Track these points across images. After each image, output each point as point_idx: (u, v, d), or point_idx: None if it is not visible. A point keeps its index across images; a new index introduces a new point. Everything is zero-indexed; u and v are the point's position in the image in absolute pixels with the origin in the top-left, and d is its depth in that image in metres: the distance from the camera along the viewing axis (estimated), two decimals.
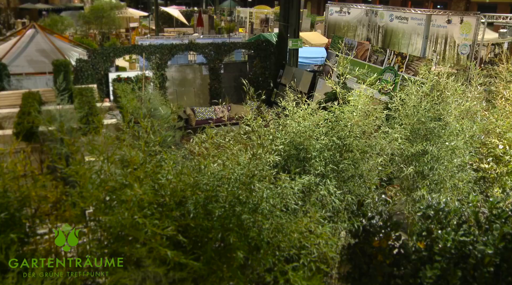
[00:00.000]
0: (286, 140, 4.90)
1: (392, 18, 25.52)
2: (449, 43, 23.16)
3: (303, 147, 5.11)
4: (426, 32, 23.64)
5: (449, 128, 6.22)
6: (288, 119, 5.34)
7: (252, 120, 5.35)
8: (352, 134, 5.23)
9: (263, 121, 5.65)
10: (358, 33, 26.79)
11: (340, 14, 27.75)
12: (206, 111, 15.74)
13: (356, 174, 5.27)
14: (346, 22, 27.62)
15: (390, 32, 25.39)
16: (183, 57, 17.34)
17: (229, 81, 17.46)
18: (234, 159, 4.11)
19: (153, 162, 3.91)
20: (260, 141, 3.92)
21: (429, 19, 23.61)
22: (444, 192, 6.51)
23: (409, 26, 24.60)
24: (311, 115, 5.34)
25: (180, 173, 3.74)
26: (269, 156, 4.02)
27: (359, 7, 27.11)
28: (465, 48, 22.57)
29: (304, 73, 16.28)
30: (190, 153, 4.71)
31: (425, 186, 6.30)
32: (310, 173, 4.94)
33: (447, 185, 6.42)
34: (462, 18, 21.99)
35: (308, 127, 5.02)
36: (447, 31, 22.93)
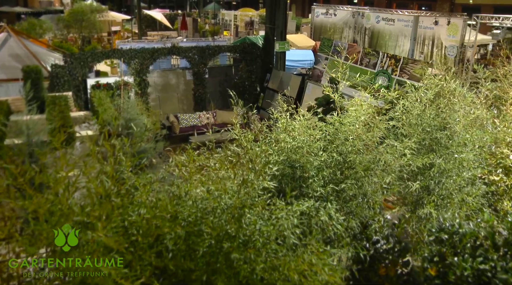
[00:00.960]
0: (280, 158, 4.26)
1: (379, 20, 25.23)
2: (437, 44, 22.96)
3: (299, 165, 4.48)
4: (414, 34, 23.39)
5: (456, 138, 5.65)
6: (281, 132, 4.71)
7: (240, 134, 4.71)
8: (354, 148, 4.61)
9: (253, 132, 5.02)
10: (344, 35, 26.45)
11: (326, 16, 27.40)
12: (190, 118, 15.03)
13: (358, 194, 4.66)
14: (332, 24, 27.29)
15: (376, 34, 25.15)
16: (165, 61, 16.63)
17: (214, 86, 16.78)
18: (220, 184, 3.46)
19: (123, 191, 3.24)
20: (252, 164, 3.29)
21: (417, 21, 23.36)
22: (450, 206, 5.95)
23: (396, 27, 24.34)
24: (308, 128, 4.71)
25: (155, 206, 3.08)
26: (262, 181, 3.38)
27: (345, 9, 26.75)
28: (452, 49, 22.38)
29: (292, 77, 15.68)
30: (169, 175, 4.04)
31: (431, 202, 5.72)
32: (308, 195, 4.32)
33: (454, 200, 5.86)
34: (449, 20, 21.80)
35: (305, 143, 4.39)
36: (434, 33, 22.71)
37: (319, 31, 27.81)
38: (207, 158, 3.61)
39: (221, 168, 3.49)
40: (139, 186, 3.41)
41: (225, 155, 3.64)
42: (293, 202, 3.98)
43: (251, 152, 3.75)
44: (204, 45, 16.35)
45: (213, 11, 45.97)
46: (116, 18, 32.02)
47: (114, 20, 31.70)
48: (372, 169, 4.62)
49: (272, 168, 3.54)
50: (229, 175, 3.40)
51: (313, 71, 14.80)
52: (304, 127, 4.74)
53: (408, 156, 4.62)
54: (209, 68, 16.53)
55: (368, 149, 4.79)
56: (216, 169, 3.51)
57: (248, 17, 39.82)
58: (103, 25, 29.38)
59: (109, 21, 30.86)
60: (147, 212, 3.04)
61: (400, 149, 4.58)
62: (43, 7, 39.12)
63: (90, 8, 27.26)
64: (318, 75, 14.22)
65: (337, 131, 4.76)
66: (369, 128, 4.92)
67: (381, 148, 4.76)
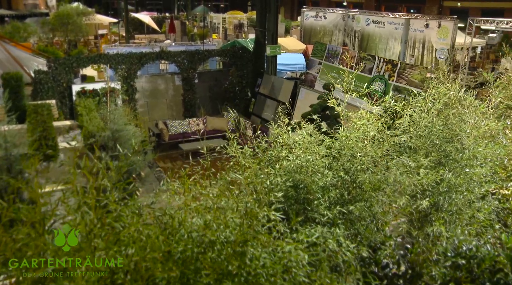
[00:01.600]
0: (283, 178, 3.85)
1: (369, 23, 25.08)
2: (427, 47, 22.85)
3: (303, 186, 4.07)
4: (405, 37, 23.25)
5: (467, 152, 5.29)
6: (282, 149, 4.29)
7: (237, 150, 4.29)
8: (362, 167, 4.21)
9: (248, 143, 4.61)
10: (334, 38, 26.24)
11: (316, 19, 27.16)
12: (180, 124, 14.56)
13: (367, 216, 4.26)
14: (322, 27, 27.07)
15: (366, 37, 25.02)
16: (154, 66, 16.13)
17: (204, 91, 16.33)
18: (219, 214, 3.04)
19: (107, 227, 2.80)
20: (256, 195, 2.88)
21: (408, 24, 23.21)
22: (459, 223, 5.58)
23: (386, 30, 24.18)
24: (311, 143, 4.30)
25: (145, 246, 2.64)
26: (268, 211, 2.96)
27: (335, 12, 26.51)
28: (443, 52, 22.27)
29: (284, 82, 15.29)
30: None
31: (440, 219, 5.35)
32: (314, 220, 3.92)
33: (464, 216, 5.49)
34: (440, 23, 21.69)
35: (310, 162, 3.98)
36: (425, 36, 22.60)
37: (309, 34, 27.57)
38: (203, 187, 3.17)
39: (220, 196, 3.07)
40: (126, 217, 2.97)
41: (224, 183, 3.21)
42: (298, 229, 3.58)
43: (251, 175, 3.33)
44: (194, 50, 15.89)
45: (201, 14, 45.55)
46: (103, 21, 31.43)
47: (101, 23, 31.10)
48: (382, 189, 4.24)
49: (277, 195, 3.13)
50: (230, 205, 2.98)
51: (306, 76, 14.42)
52: (307, 142, 4.34)
53: (422, 175, 4.23)
54: (199, 73, 16.07)
55: (377, 166, 4.39)
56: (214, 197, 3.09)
57: (236, 19, 39.53)
58: (90, 28, 28.79)
59: (96, 24, 30.27)
60: (135, 253, 2.61)
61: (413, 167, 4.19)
62: (28, 10, 38.26)
63: (76, 11, 26.66)
64: (312, 80, 13.84)
65: (343, 147, 4.35)
66: (377, 143, 4.53)
67: (391, 165, 4.37)
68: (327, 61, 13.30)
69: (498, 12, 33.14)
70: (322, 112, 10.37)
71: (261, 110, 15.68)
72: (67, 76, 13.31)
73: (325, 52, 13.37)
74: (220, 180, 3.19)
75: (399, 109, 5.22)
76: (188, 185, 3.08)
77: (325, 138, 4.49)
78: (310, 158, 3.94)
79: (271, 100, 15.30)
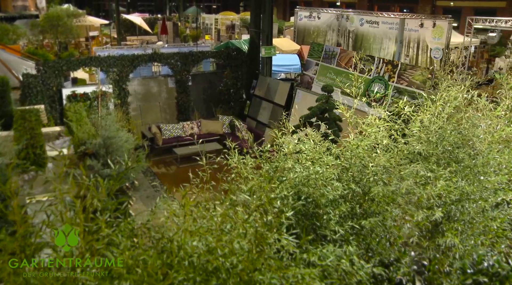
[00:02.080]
0: (290, 192, 3.53)
1: (363, 23, 24.95)
2: (422, 47, 22.78)
3: (312, 199, 3.75)
4: (400, 37, 23.13)
5: (481, 158, 4.99)
6: (289, 160, 3.97)
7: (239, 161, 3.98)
8: (375, 177, 3.90)
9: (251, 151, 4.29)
10: (328, 38, 26.07)
11: (310, 19, 26.97)
12: (174, 128, 14.20)
13: (380, 231, 3.95)
14: (315, 27, 26.89)
15: (360, 37, 24.92)
16: (146, 68, 15.74)
17: (198, 93, 15.97)
18: (223, 236, 2.71)
19: (98, 257, 2.46)
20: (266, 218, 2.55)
21: (403, 23, 23.08)
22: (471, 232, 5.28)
23: (380, 30, 24.05)
24: (318, 152, 3.98)
25: (141, 279, 2.31)
26: (279, 236, 2.64)
27: (329, 12, 26.29)
28: (438, 52, 22.16)
29: (280, 84, 14.96)
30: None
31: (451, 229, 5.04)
32: (324, 237, 3.60)
33: (477, 225, 5.19)
34: (435, 22, 21.60)
35: (319, 173, 3.66)
36: (419, 35, 22.50)
37: (303, 35, 27.36)
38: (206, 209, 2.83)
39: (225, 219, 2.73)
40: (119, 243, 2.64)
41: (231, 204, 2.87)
42: (309, 249, 3.26)
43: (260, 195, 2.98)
44: (187, 51, 15.52)
45: (193, 15, 45.19)
46: (94, 22, 30.96)
47: (92, 25, 30.63)
48: (396, 201, 3.93)
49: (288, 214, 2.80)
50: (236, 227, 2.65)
51: (302, 78, 14.12)
52: (315, 152, 4.02)
53: (439, 186, 3.93)
54: (193, 75, 15.70)
55: (390, 176, 4.08)
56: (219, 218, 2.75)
57: (229, 20, 39.31)
58: (81, 30, 28.32)
59: (87, 26, 29.79)
60: None
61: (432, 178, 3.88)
62: (17, 12, 37.67)
63: (67, 12, 26.18)
64: (308, 81, 13.54)
65: (353, 156, 4.04)
66: (389, 151, 4.22)
67: (405, 175, 4.06)
68: (325, 62, 12.99)
69: (490, 12, 33.15)
70: (321, 114, 10.06)
71: (256, 112, 15.36)
72: (57, 79, 12.91)
73: (322, 53, 13.07)
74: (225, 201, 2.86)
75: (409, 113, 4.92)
76: (188, 206, 2.74)
77: (332, 146, 4.17)
78: (319, 170, 3.61)
79: (267, 102, 14.98)
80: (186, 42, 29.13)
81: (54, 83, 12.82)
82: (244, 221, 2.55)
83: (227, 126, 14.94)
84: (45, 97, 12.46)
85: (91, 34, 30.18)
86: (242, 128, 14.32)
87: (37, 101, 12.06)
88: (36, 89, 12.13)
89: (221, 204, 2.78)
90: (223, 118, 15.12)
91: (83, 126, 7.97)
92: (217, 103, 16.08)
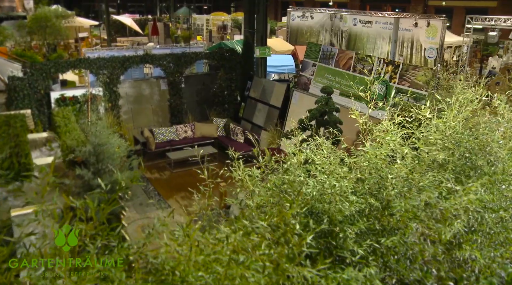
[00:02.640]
0: (303, 209, 3.15)
1: (356, 22, 24.77)
2: (416, 47, 22.69)
3: (327, 216, 3.37)
4: (395, 36, 22.99)
5: (501, 165, 4.64)
6: (298, 170, 3.59)
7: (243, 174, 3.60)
8: (395, 190, 3.53)
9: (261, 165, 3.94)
10: (321, 38, 25.83)
11: (303, 19, 26.71)
12: (167, 132, 13.76)
13: (401, 249, 3.58)
14: (308, 28, 26.66)
15: (354, 37, 24.76)
16: (138, 70, 15.28)
17: (191, 96, 15.53)
18: (235, 268, 2.32)
19: None
20: (286, 249, 2.18)
21: (397, 23, 22.94)
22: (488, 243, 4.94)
23: (374, 30, 23.89)
24: (332, 163, 3.60)
25: None
26: (301, 269, 2.26)
27: (322, 12, 26.04)
28: (432, 51, 22.04)
29: (276, 85, 14.58)
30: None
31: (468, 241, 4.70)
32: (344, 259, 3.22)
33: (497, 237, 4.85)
34: (429, 21, 21.50)
35: (335, 188, 3.28)
36: (413, 35, 22.38)
37: (296, 35, 27.09)
38: (217, 239, 2.43)
39: (238, 251, 2.35)
40: (111, 278, 2.24)
41: (244, 232, 2.48)
42: (327, 276, 2.88)
43: (281, 227, 2.60)
44: (180, 52, 15.09)
45: (184, 15, 44.77)
46: (84, 24, 30.42)
47: (81, 26, 30.08)
48: (419, 217, 3.56)
49: (308, 239, 2.43)
50: (249, 259, 2.26)
51: (299, 79, 13.74)
52: (327, 162, 3.64)
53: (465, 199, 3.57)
54: (185, 77, 15.27)
55: (411, 189, 3.71)
56: (229, 247, 2.36)
57: (220, 21, 39.03)
58: (70, 32, 27.75)
59: (76, 27, 29.23)
60: None
61: (460, 191, 3.53)
62: (4, 13, 36.94)
63: (55, 13, 25.60)
64: (306, 82, 13.16)
65: (369, 166, 3.66)
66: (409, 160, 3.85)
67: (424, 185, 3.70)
68: (322, 63, 12.63)
69: (482, 11, 33.14)
70: (320, 117, 9.69)
71: (251, 114, 14.96)
72: (45, 82, 12.43)
73: (319, 53, 12.71)
74: (238, 230, 2.46)
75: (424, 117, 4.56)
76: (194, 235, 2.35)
77: (345, 156, 3.80)
78: (336, 184, 3.24)
79: (262, 104, 14.59)
80: (177, 43, 28.70)
81: (42, 86, 12.34)
82: (261, 254, 2.16)
83: (222, 129, 14.53)
84: (33, 100, 11.97)
85: (80, 36, 29.61)
86: (238, 131, 13.92)
87: (24, 105, 11.57)
88: (23, 92, 11.64)
89: (233, 233, 2.39)
90: (217, 120, 14.71)
91: (72, 132, 7.54)
92: (211, 105, 15.67)
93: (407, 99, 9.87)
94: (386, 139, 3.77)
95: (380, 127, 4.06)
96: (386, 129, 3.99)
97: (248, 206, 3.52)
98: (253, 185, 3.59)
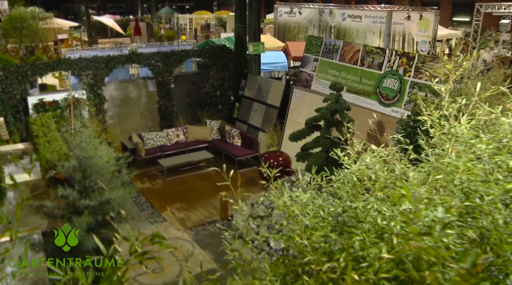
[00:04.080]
0: None
1: (345, 17, 24.23)
2: (408, 40, 22.29)
3: (412, 259, 2.40)
4: (388, 30, 22.52)
5: None
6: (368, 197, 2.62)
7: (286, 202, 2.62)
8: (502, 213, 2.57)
9: None
10: (309, 34, 25.11)
11: (290, 15, 25.99)
12: (158, 136, 12.67)
13: None
14: (296, 23, 26.00)
15: (343, 32, 24.24)
16: (123, 71, 14.15)
17: (182, 97, 14.46)
18: None
19: None
20: None
21: (390, 16, 22.49)
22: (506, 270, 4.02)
23: (363, 24, 23.43)
24: (411, 183, 2.63)
25: None
26: None
27: (312, 7, 25.34)
28: (424, 45, 21.65)
29: (273, 83, 13.59)
30: None
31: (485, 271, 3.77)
32: None
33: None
34: (422, 14, 21.17)
35: (438, 220, 2.31)
36: (405, 28, 21.97)
37: (283, 31, 26.33)
38: None
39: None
40: None
41: None
42: None
43: None
44: (168, 51, 14.01)
45: (166, 15, 43.64)
46: (63, 25, 29.06)
47: (60, 27, 28.71)
48: None
49: None
50: None
51: (300, 75, 12.78)
52: (399, 179, 2.67)
53: None
54: (175, 77, 14.19)
55: None
56: None
57: (203, 20, 38.29)
58: (48, 33, 26.36)
59: (55, 28, 27.86)
60: None
61: None
62: None
63: (31, 14, 24.21)
64: (307, 79, 12.20)
65: (461, 185, 2.70)
66: None
67: None
68: (325, 57, 11.68)
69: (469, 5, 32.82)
70: (331, 116, 8.74)
71: (247, 115, 13.95)
72: (21, 86, 11.25)
73: (321, 47, 11.76)
74: None
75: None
76: None
77: (422, 169, 2.84)
78: (438, 216, 2.27)
79: (259, 104, 13.59)
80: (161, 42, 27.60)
81: (18, 91, 11.16)
82: None
83: (216, 132, 13.49)
84: (7, 107, 10.80)
85: (59, 37, 28.26)
86: (235, 133, 12.90)
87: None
88: None
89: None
90: (211, 123, 13.65)
91: (53, 142, 6.47)
92: (203, 107, 14.62)
93: (425, 94, 9.01)
94: (477, 146, 2.81)
95: (453, 130, 3.10)
96: (463, 132, 3.04)
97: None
98: (298, 211, 2.61)
